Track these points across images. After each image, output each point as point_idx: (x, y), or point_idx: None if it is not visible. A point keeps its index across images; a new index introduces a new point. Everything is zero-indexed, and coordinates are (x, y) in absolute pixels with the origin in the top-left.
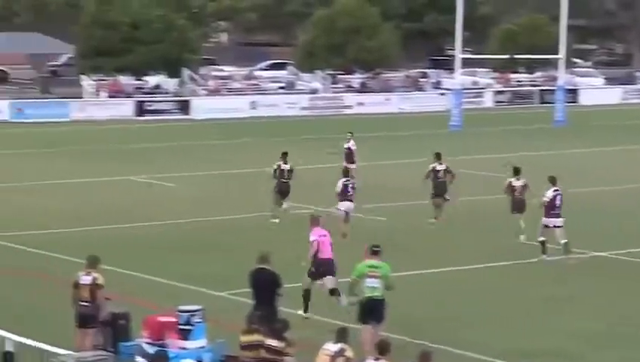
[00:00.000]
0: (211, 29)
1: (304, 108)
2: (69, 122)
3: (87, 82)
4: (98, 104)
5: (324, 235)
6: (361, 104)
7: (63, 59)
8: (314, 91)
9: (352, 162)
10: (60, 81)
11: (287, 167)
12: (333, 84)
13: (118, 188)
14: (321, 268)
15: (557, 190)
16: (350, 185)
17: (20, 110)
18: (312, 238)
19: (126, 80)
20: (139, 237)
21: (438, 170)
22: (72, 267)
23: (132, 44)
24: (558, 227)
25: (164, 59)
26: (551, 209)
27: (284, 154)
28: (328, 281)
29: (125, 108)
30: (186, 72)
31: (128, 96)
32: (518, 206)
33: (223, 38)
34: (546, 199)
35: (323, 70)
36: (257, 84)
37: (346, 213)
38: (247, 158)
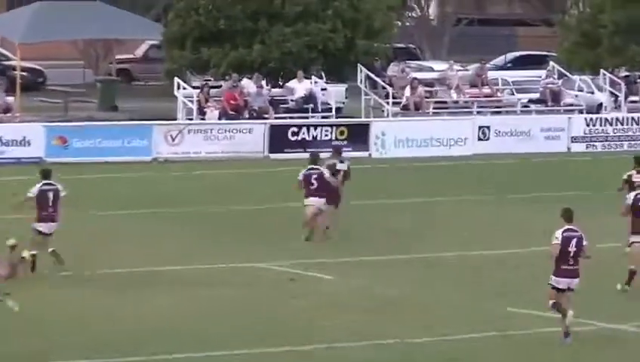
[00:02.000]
0: None
1: (578, 140)
2: (149, 163)
3: (185, 91)
4: (203, 130)
5: None
6: None
7: (142, 49)
8: (596, 107)
9: None
10: (136, 88)
11: (344, 165)
12: (631, 95)
13: (245, 282)
14: None
15: None
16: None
17: (63, 141)
18: None
19: (253, 87)
20: None
21: None
22: None
23: (264, 24)
24: None
25: (323, 50)
26: None
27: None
28: None
29: (252, 138)
30: (362, 73)
31: (257, 115)
32: None
33: (431, 11)
34: None
35: (613, 70)
36: (491, 95)
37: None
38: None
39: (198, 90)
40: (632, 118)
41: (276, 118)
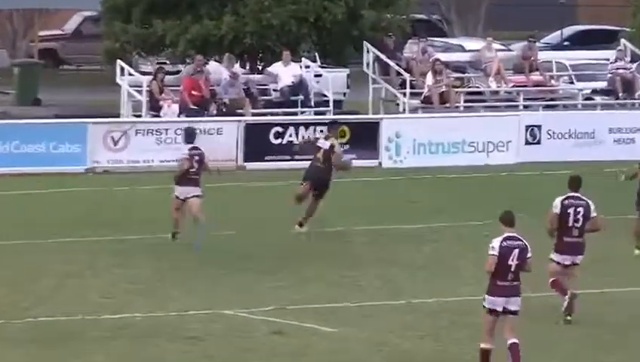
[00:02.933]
0: None
1: None
2: (83, 175)
3: (131, 78)
4: (156, 131)
5: None
6: None
7: (73, 23)
8: None
9: None
10: (66, 75)
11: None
12: None
13: (213, 335)
14: None
15: None
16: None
17: None
18: None
19: (224, 72)
20: None
21: None
22: None
23: None
24: None
25: (316, 24)
26: None
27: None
28: None
29: (222, 141)
30: (369, 54)
31: (228, 111)
32: None
33: None
34: None
35: None
36: (543, 84)
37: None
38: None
39: (150, 77)
40: None
41: (254, 115)
